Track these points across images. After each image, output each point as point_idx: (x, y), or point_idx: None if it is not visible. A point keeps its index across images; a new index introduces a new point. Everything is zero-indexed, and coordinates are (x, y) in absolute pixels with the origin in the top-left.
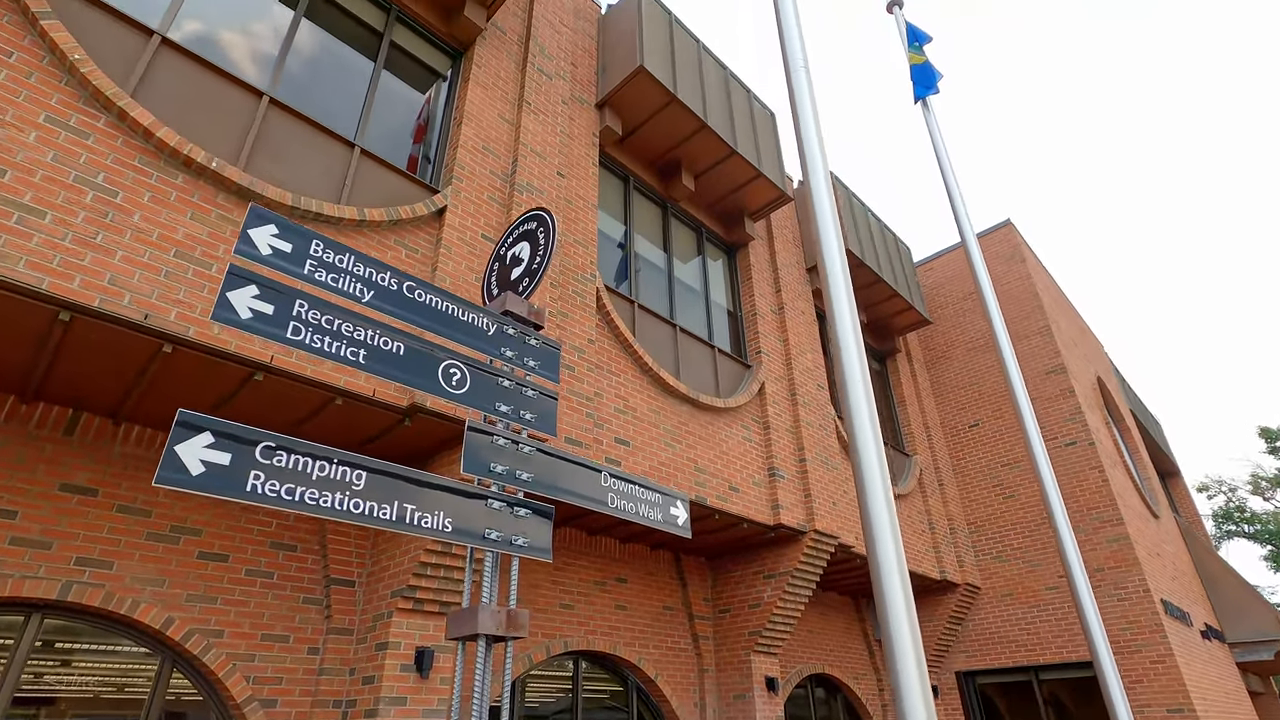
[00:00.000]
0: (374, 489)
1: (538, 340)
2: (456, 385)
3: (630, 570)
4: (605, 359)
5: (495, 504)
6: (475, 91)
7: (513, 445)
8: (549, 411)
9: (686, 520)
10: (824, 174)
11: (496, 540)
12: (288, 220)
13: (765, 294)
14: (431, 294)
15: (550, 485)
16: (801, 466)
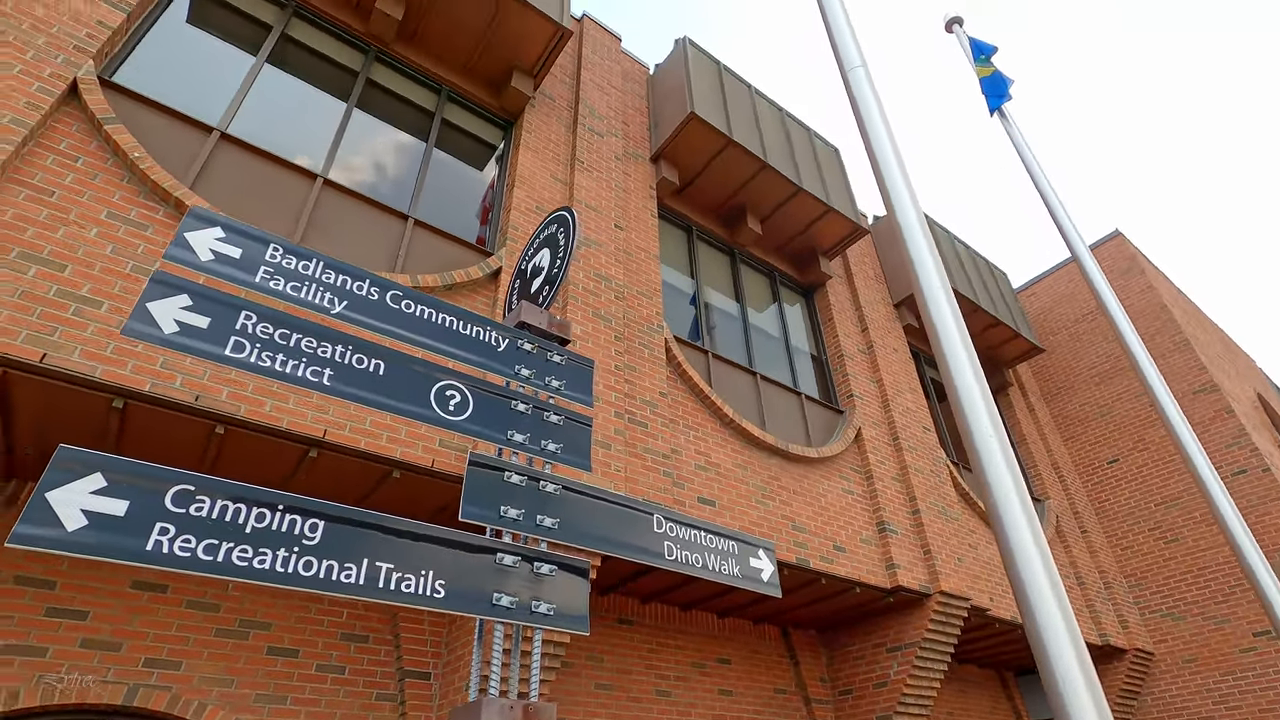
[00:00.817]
0: (334, 544)
1: (562, 356)
2: (455, 410)
3: (733, 649)
4: (680, 413)
5: (507, 559)
6: (526, 156)
7: (531, 483)
8: (580, 440)
9: (774, 574)
10: (902, 177)
11: (508, 608)
12: (237, 222)
13: (850, 334)
14: (423, 304)
15: (584, 533)
16: (915, 519)
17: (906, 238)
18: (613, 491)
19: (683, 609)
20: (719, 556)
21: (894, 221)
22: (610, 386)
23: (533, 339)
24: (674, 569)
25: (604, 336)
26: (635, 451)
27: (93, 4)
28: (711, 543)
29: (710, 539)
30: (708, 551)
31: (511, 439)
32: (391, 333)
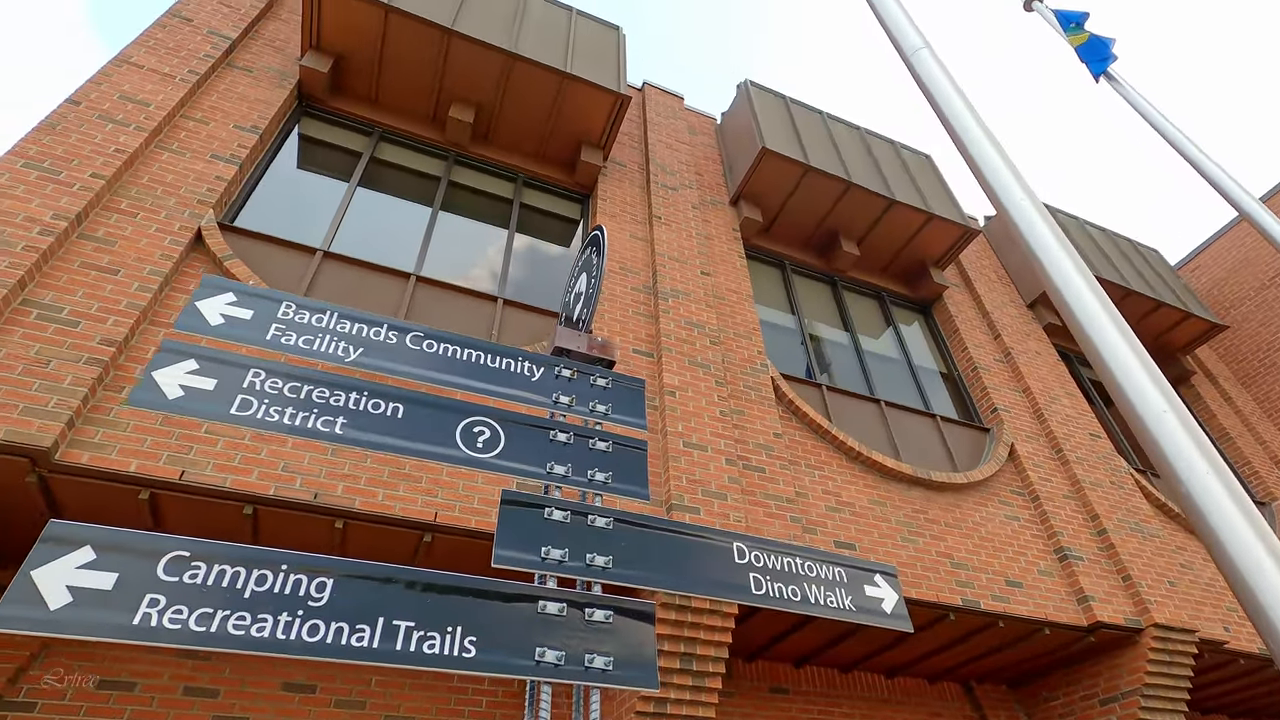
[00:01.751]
0: (345, 603)
1: (607, 379)
2: (485, 447)
3: (909, 714)
4: (800, 452)
5: (551, 607)
6: (603, 222)
7: (578, 518)
8: (634, 466)
9: (898, 604)
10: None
11: (555, 665)
12: (249, 286)
13: (982, 344)
14: (446, 342)
15: (644, 570)
16: (1103, 540)
17: (1015, 217)
18: (677, 520)
19: (843, 671)
20: (823, 587)
21: (997, 202)
22: (718, 434)
23: (571, 364)
24: (764, 605)
25: (705, 384)
26: (755, 499)
27: (210, 164)
28: (811, 570)
29: (810, 566)
30: (807, 582)
31: (552, 472)
32: (413, 374)
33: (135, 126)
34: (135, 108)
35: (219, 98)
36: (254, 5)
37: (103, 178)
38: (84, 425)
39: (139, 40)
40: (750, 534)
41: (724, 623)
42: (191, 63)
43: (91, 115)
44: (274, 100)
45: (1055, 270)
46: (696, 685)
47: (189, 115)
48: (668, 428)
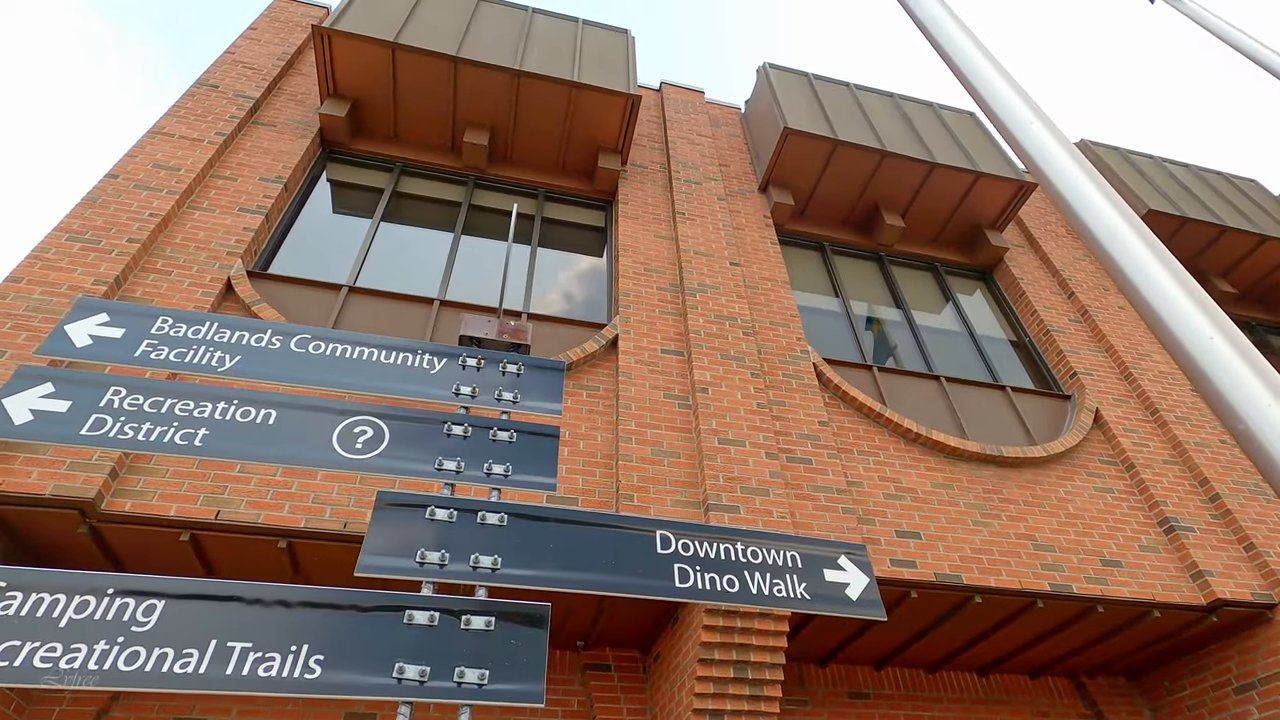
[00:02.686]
0: (172, 627)
1: (518, 364)
2: (364, 447)
3: (1011, 714)
4: (850, 440)
5: (419, 617)
6: (626, 225)
7: (465, 515)
8: (541, 456)
9: (869, 587)
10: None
11: (417, 683)
12: (125, 304)
13: (1053, 305)
14: (335, 342)
15: (540, 569)
16: (1217, 507)
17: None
18: (588, 510)
19: (929, 671)
20: (768, 574)
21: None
22: (756, 427)
23: (479, 353)
24: (689, 600)
25: (739, 377)
26: (802, 492)
27: (238, 217)
28: (755, 556)
29: (754, 552)
30: (749, 570)
31: (441, 468)
32: (298, 379)
33: (167, 191)
34: (167, 174)
35: (245, 154)
36: (275, 64)
37: (138, 241)
38: (127, 475)
39: (170, 111)
40: (690, 521)
41: (778, 626)
42: (218, 125)
43: (128, 185)
44: (296, 150)
45: (1056, 173)
46: (755, 695)
47: (218, 174)
48: (701, 425)
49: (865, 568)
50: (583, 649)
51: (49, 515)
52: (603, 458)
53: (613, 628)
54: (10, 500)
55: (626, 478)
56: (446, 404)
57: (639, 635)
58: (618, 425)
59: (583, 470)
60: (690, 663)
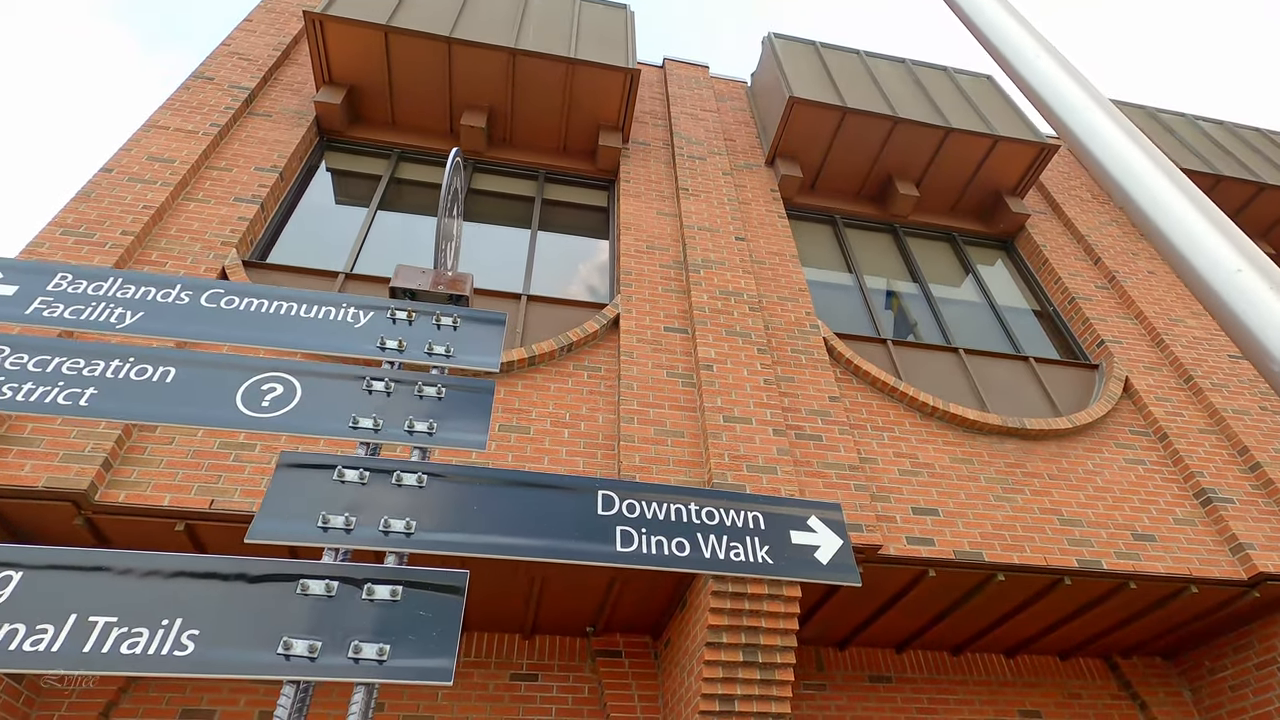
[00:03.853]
0: (29, 601)
1: (453, 316)
2: (273, 405)
3: (1040, 696)
4: (864, 415)
5: (315, 586)
6: (628, 203)
7: (380, 477)
8: (473, 411)
9: (842, 550)
10: None
11: (308, 660)
12: (22, 260)
13: (1079, 271)
14: (249, 296)
15: (464, 534)
16: (1258, 476)
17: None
18: (521, 470)
19: (953, 653)
20: (725, 537)
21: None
22: (763, 404)
23: (409, 306)
24: (634, 565)
25: (745, 353)
26: (812, 470)
27: (233, 207)
28: (711, 518)
29: (710, 513)
30: (703, 532)
31: (357, 426)
32: (207, 335)
33: (161, 183)
34: (161, 166)
35: (240, 145)
36: (271, 55)
37: (132, 233)
38: (121, 466)
39: (165, 105)
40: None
41: (788, 608)
42: (213, 116)
43: (122, 179)
44: (292, 139)
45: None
46: (766, 679)
47: (213, 165)
48: (705, 404)
49: (838, 528)
50: (592, 635)
51: (45, 508)
52: (604, 439)
53: (623, 613)
54: (5, 493)
55: (628, 458)
56: (371, 359)
57: (650, 621)
58: (619, 406)
59: (583, 452)
60: (699, 647)
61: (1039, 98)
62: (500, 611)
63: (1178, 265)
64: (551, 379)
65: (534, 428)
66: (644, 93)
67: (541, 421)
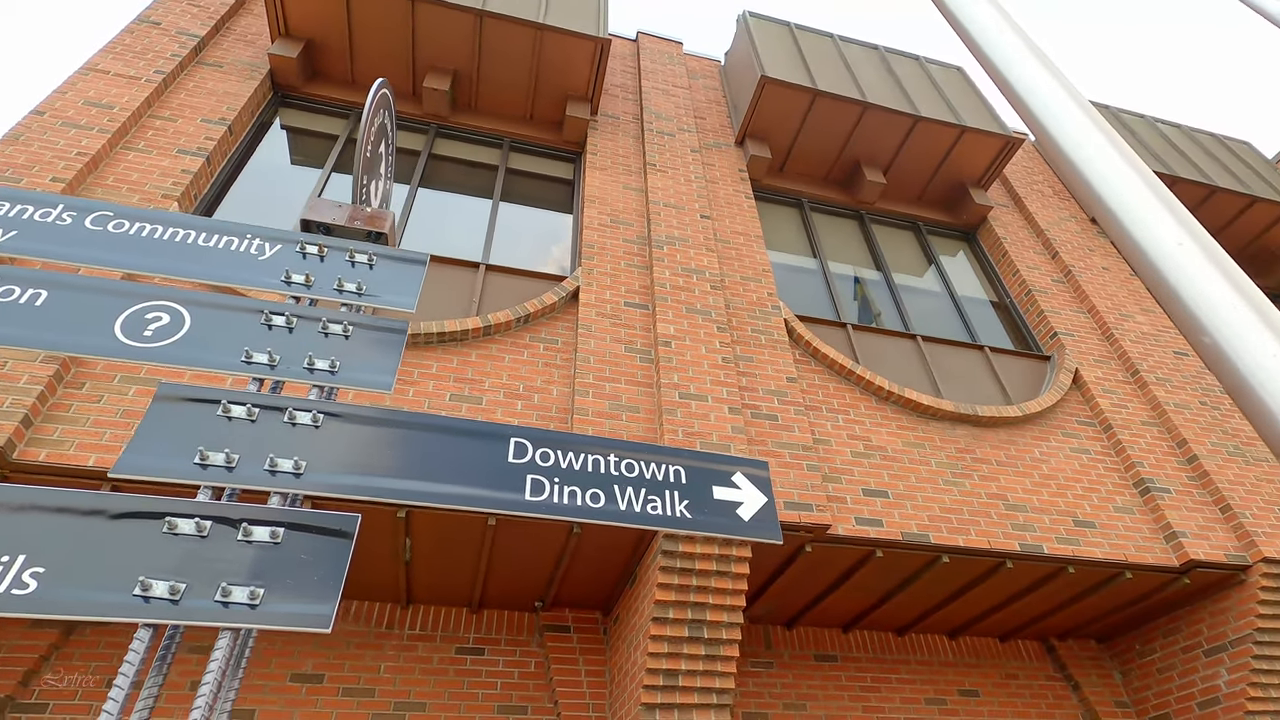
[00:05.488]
0: None
1: (368, 254)
2: (157, 335)
3: (979, 676)
4: (820, 396)
5: (184, 524)
6: (594, 176)
7: (271, 414)
8: (381, 352)
9: (766, 507)
10: None
11: (169, 602)
12: None
13: (1036, 265)
14: (143, 221)
15: (361, 477)
16: (1195, 468)
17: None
18: (426, 413)
19: (898, 634)
20: (644, 489)
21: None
22: (720, 382)
23: (320, 240)
24: (544, 515)
25: (704, 330)
26: (766, 449)
27: (176, 159)
28: (630, 470)
29: (626, 465)
30: (621, 484)
31: (251, 361)
32: (91, 260)
33: (99, 129)
34: (99, 112)
35: (188, 95)
36: (224, 2)
37: (63, 181)
38: (43, 423)
39: (106, 48)
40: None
41: (735, 585)
42: (158, 63)
43: (55, 123)
44: (243, 92)
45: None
46: (711, 655)
47: (157, 114)
48: (661, 380)
49: (764, 485)
50: (541, 610)
51: None
52: (558, 412)
53: (573, 588)
54: None
55: (581, 432)
56: (274, 293)
57: (601, 597)
58: (575, 379)
59: (536, 425)
60: (645, 622)
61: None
62: (447, 585)
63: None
64: (507, 350)
65: (486, 398)
66: (615, 65)
67: (494, 393)
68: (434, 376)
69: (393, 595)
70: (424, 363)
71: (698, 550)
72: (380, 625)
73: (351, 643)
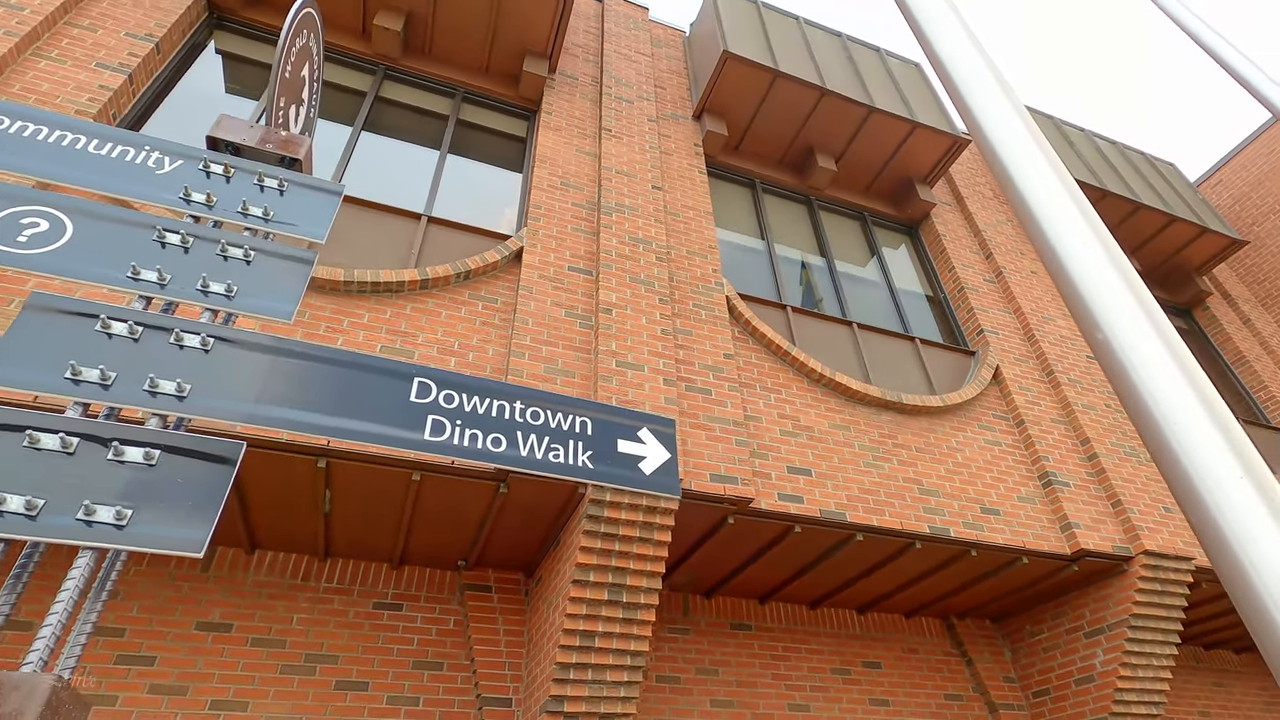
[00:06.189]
0: None
1: (279, 179)
2: (34, 242)
3: (883, 650)
4: (755, 375)
5: (48, 440)
6: (547, 135)
7: (154, 333)
8: (281, 279)
9: (668, 464)
10: None
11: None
12: None
13: (971, 264)
14: (27, 120)
15: (250, 406)
16: (1094, 465)
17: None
18: (331, 346)
19: (811, 606)
20: (547, 437)
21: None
22: (658, 353)
23: (226, 159)
24: (441, 454)
25: (646, 301)
26: (697, 422)
27: (95, 73)
28: (536, 418)
29: (532, 414)
30: (524, 430)
31: (138, 278)
32: None
33: (5, 31)
34: (7, 12)
35: (111, 4)
36: None
37: None
38: None
39: None
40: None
41: (656, 551)
42: None
43: None
44: (175, 8)
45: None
46: (628, 618)
47: (74, 22)
48: (600, 347)
49: (669, 442)
50: (464, 569)
51: None
52: (491, 371)
53: (497, 549)
54: None
55: None
56: (171, 209)
57: (525, 558)
58: (511, 340)
59: None
60: (566, 584)
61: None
62: (368, 539)
63: (1035, 233)
64: (444, 305)
65: (418, 353)
66: (577, 24)
67: (427, 348)
68: (365, 327)
69: (310, 547)
70: (355, 311)
71: (622, 517)
72: (296, 577)
73: (264, 593)
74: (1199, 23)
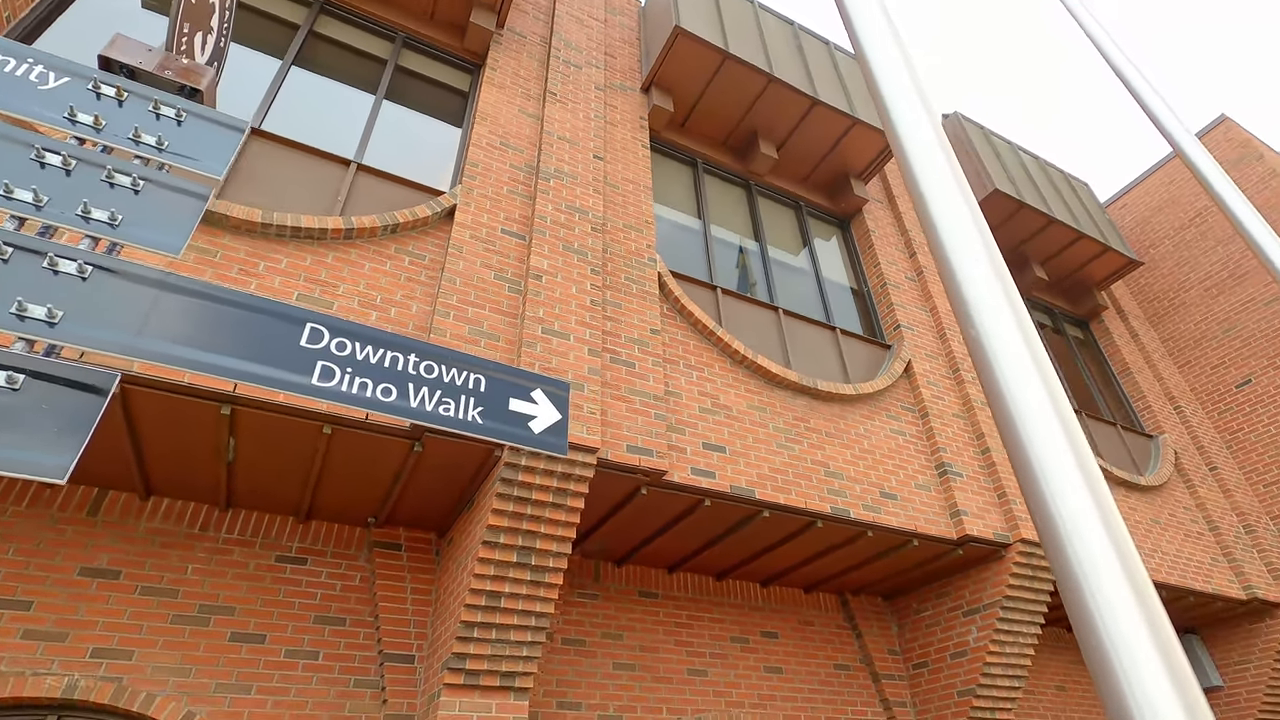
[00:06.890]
0: None
1: (178, 108)
2: None
3: (780, 621)
4: (680, 352)
5: None
6: (490, 92)
7: (27, 256)
8: (173, 213)
9: (558, 424)
10: None
11: None
12: None
13: (895, 260)
14: None
15: (124, 337)
16: (986, 459)
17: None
18: (221, 285)
19: (717, 578)
20: (440, 391)
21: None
22: (585, 323)
23: (119, 82)
24: (328, 400)
25: (577, 270)
26: (619, 394)
27: None
28: (430, 372)
29: (425, 367)
30: (417, 383)
31: (11, 196)
32: None
33: None
34: None
35: None
36: None
37: None
38: None
39: None
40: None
41: (568, 517)
42: None
43: None
44: None
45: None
46: (536, 581)
47: None
48: (527, 313)
49: (561, 404)
50: (374, 526)
51: None
52: (414, 329)
53: (409, 507)
54: None
55: None
56: (53, 129)
57: (437, 518)
58: (437, 299)
59: None
60: (476, 545)
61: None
62: (274, 491)
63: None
64: (368, 257)
65: (338, 304)
66: None
67: (348, 299)
68: (283, 273)
69: (211, 496)
70: (273, 256)
71: (536, 481)
72: (193, 526)
73: (157, 540)
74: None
